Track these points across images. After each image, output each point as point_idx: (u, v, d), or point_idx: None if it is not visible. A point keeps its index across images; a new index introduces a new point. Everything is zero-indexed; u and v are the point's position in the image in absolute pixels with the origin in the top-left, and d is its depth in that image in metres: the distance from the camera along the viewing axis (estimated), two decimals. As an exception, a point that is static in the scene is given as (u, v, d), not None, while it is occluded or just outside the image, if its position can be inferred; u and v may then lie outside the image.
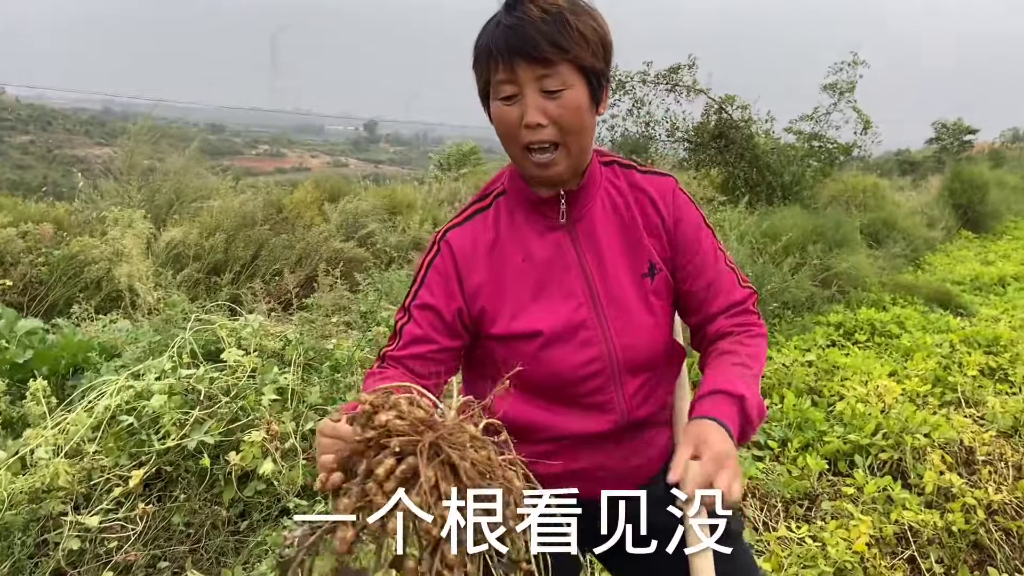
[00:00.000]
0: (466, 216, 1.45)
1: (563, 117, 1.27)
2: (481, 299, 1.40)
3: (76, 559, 2.71)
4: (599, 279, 1.40)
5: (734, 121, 8.57)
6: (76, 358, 3.70)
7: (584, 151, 1.35)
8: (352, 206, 10.43)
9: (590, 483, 1.35)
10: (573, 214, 1.40)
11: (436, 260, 1.42)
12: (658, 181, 1.48)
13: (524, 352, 1.38)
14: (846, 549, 2.90)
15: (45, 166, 44.87)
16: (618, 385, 1.40)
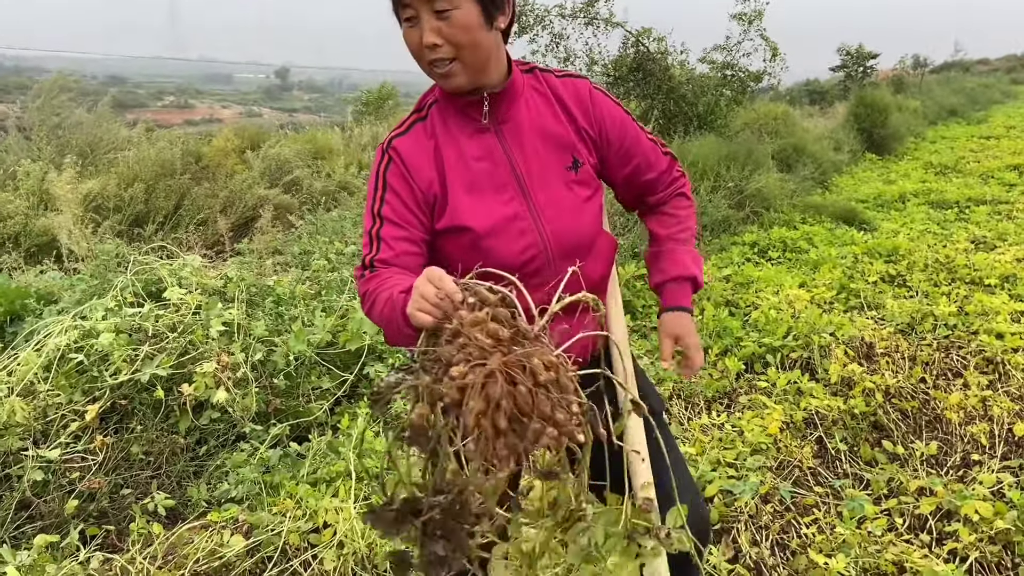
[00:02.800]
0: (407, 126, 1.60)
1: (454, 35, 1.41)
2: (432, 194, 1.55)
3: (40, 490, 2.81)
4: (527, 173, 1.55)
5: (651, 54, 8.76)
6: (14, 305, 3.71)
7: (483, 63, 1.48)
8: (274, 152, 10.29)
9: None
10: (498, 116, 1.56)
11: (391, 166, 1.56)
12: (572, 84, 1.64)
13: (464, 244, 1.54)
14: (761, 432, 3.22)
15: (-67, 126, 42.06)
16: (552, 269, 1.55)
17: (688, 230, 1.74)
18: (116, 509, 2.87)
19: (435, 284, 1.18)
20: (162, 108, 57.77)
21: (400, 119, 1.65)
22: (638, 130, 1.68)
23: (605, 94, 1.65)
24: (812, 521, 2.74)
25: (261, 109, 61.76)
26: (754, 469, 2.98)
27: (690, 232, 1.74)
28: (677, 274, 1.69)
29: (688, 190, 1.77)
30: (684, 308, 1.69)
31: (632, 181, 1.70)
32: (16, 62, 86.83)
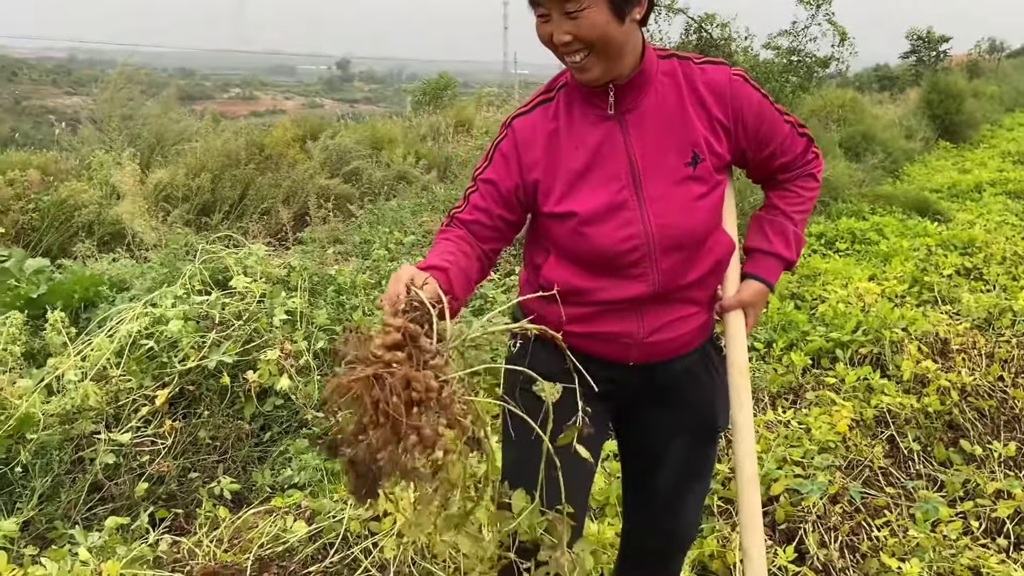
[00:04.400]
0: (532, 105, 1.65)
1: (585, 35, 1.45)
2: (535, 178, 1.60)
3: (112, 472, 2.88)
4: (643, 165, 1.55)
5: (714, 40, 8.55)
6: (88, 292, 3.82)
7: (618, 56, 1.50)
8: (334, 142, 10.42)
9: (618, 347, 1.64)
10: (625, 105, 1.56)
11: (503, 143, 1.64)
12: (711, 71, 1.60)
13: (568, 228, 1.58)
14: (829, 430, 3.12)
15: (14, 118, 43.83)
16: (653, 260, 1.56)
17: (805, 212, 1.74)
18: (184, 492, 2.94)
19: (391, 284, 1.33)
20: (228, 100, 59.14)
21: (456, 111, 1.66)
22: (775, 114, 1.65)
23: (745, 79, 1.61)
24: (884, 524, 2.65)
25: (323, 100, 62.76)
26: (822, 468, 2.89)
27: (806, 213, 1.74)
28: (777, 251, 1.71)
29: (819, 171, 1.75)
30: (768, 283, 1.71)
31: (767, 165, 1.69)
32: (91, 55, 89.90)
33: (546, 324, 1.63)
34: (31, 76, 59.01)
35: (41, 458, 2.73)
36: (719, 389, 1.73)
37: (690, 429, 1.74)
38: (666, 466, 1.76)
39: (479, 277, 1.66)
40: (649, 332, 1.61)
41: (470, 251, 1.62)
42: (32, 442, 2.71)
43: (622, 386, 1.68)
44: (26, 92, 54.15)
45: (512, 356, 1.76)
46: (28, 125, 34.59)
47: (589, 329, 1.62)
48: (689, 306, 1.64)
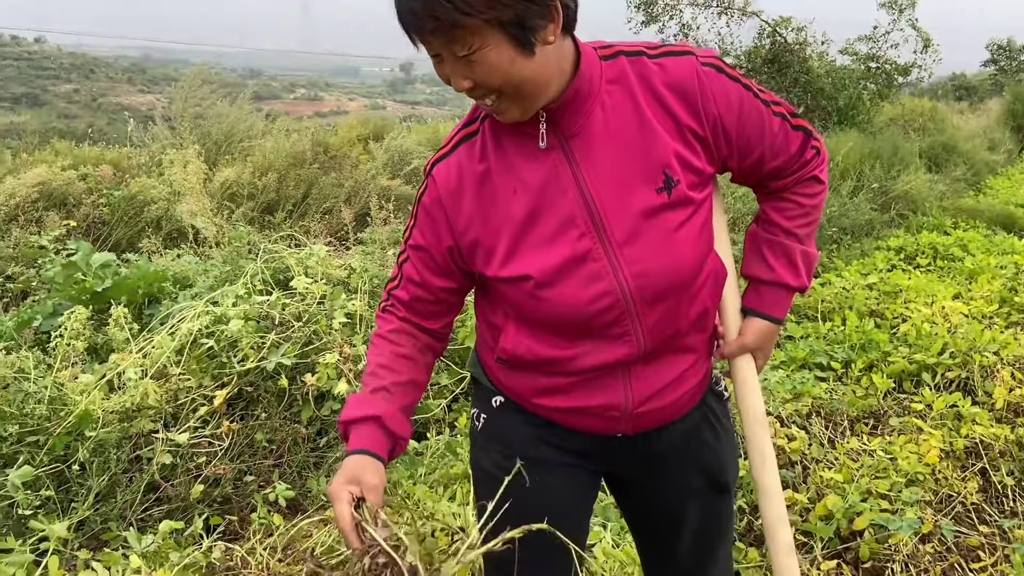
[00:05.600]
0: (452, 146, 1.33)
1: (484, 79, 1.15)
2: (471, 236, 1.30)
3: (168, 473, 2.84)
4: (602, 202, 1.24)
5: (788, 44, 8.30)
6: (152, 288, 3.82)
7: (536, 92, 1.18)
8: (397, 143, 10.44)
9: (603, 420, 1.37)
10: (563, 129, 1.24)
11: (424, 197, 1.34)
12: (675, 67, 1.26)
13: (523, 293, 1.28)
14: (917, 461, 2.91)
15: (90, 114, 45.44)
16: (633, 316, 1.27)
17: (812, 224, 1.42)
18: (239, 496, 2.88)
19: (336, 510, 1.19)
20: (294, 100, 60.43)
21: None
22: (761, 109, 1.30)
23: (719, 70, 1.27)
24: (981, 568, 2.43)
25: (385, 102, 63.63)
26: (911, 503, 2.69)
27: (812, 225, 1.42)
28: (782, 279, 1.41)
29: (822, 171, 1.41)
30: (775, 319, 1.43)
31: (755, 171, 1.36)
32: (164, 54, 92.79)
33: (513, 395, 1.43)
34: (108, 74, 61.23)
35: (99, 456, 2.70)
36: (725, 442, 1.49)
37: (699, 491, 1.48)
38: (684, 537, 1.51)
39: (427, 373, 1.43)
40: (640, 401, 1.34)
41: (412, 349, 1.39)
42: (90, 439, 2.68)
43: (607, 456, 1.44)
44: (102, 89, 56.19)
45: (477, 432, 1.50)
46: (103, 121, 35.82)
47: (567, 403, 1.36)
48: (683, 357, 1.37)
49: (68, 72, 57.96)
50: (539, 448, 1.41)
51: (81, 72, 58.84)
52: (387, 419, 1.30)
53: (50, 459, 2.63)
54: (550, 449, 1.41)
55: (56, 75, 56.89)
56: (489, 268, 1.30)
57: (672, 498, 1.48)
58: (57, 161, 8.34)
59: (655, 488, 1.48)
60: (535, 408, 1.40)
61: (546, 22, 1.14)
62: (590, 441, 1.41)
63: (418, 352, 1.40)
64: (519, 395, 1.41)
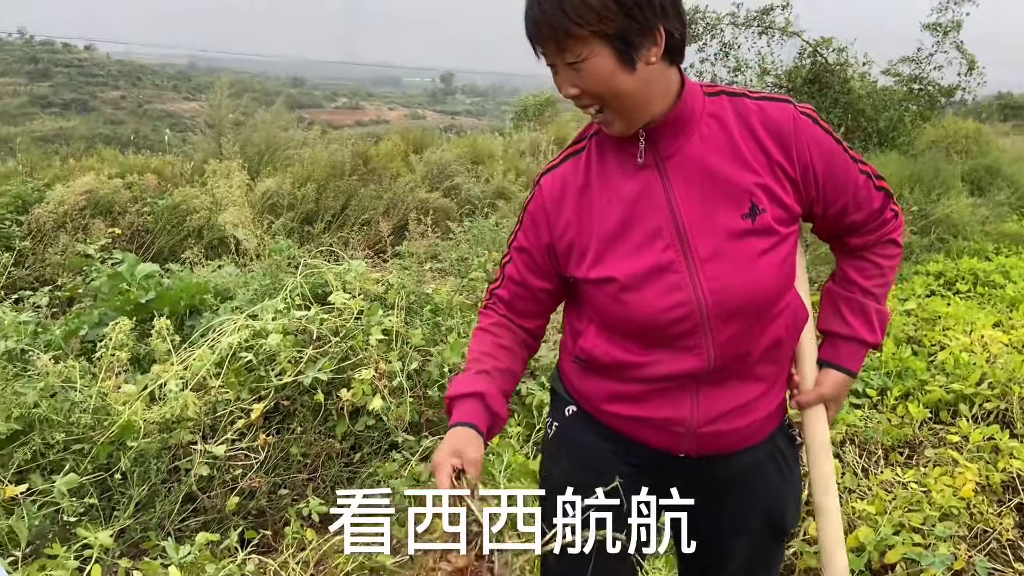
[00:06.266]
0: (559, 160, 1.48)
1: (589, 87, 1.29)
2: (567, 239, 1.43)
3: (205, 484, 2.91)
4: (688, 219, 1.34)
5: (829, 65, 8.24)
6: (193, 299, 3.91)
7: (634, 108, 1.31)
8: (436, 156, 10.54)
9: (667, 435, 1.43)
10: (661, 150, 1.36)
11: (531, 204, 1.49)
12: (774, 110, 1.38)
13: (607, 295, 1.39)
14: (952, 495, 2.87)
15: (136, 120, 46.44)
16: (707, 330, 1.35)
17: (886, 285, 1.51)
18: (273, 509, 2.94)
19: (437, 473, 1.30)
20: (335, 109, 61.16)
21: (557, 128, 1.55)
22: (849, 163, 1.41)
23: (814, 120, 1.38)
24: (1015, 608, 2.40)
25: (425, 112, 64.15)
26: (944, 538, 2.65)
27: (887, 287, 1.52)
28: (859, 335, 1.49)
29: (899, 235, 1.51)
30: (851, 372, 1.51)
31: (836, 222, 1.45)
32: (209, 62, 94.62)
33: (584, 401, 1.51)
34: (154, 81, 62.54)
35: (139, 466, 2.77)
36: (790, 487, 1.53)
37: (753, 531, 1.53)
38: (727, 568, 1.55)
39: (523, 367, 1.55)
40: (705, 421, 1.41)
41: (511, 342, 1.52)
42: (132, 449, 2.76)
43: (671, 477, 1.47)
44: (148, 96, 57.40)
45: (549, 440, 1.59)
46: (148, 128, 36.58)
47: (634, 412, 1.44)
48: (754, 385, 1.43)
49: (116, 79, 59.35)
50: (606, 459, 1.47)
51: (128, 79, 60.20)
52: (488, 397, 1.41)
53: (94, 467, 2.72)
54: (617, 461, 1.46)
55: (104, 82, 58.28)
56: (580, 270, 1.42)
57: (726, 530, 1.52)
58: (103, 168, 8.56)
59: (710, 516, 1.50)
60: (605, 417, 1.48)
61: (648, 43, 1.27)
62: (654, 457, 1.46)
63: (516, 345, 1.52)
64: (591, 403, 1.49)
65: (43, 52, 61.77)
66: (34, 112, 48.53)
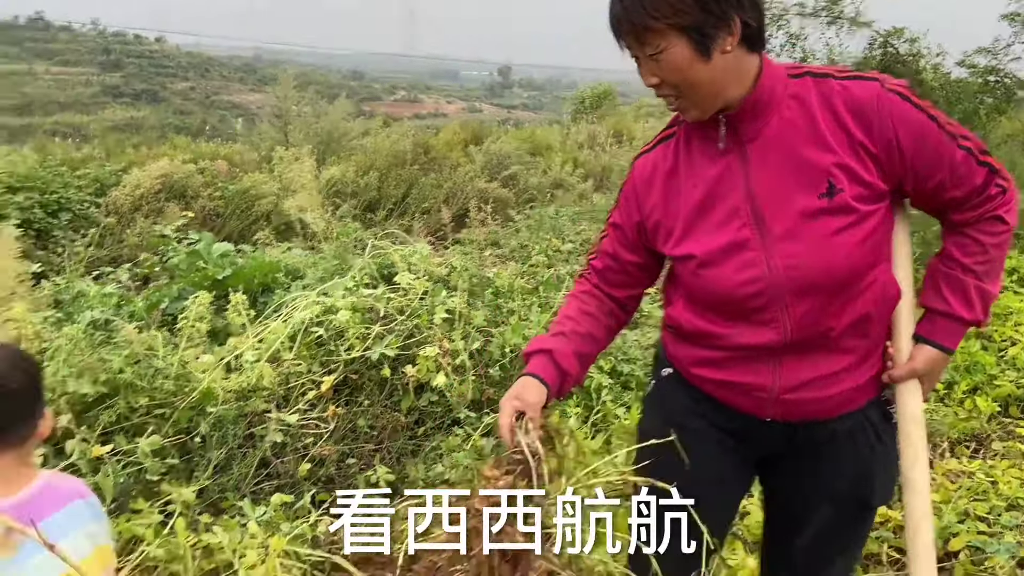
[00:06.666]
0: (653, 145, 1.58)
1: (667, 76, 1.36)
2: (655, 218, 1.54)
3: (278, 451, 3.03)
4: (765, 198, 1.40)
5: (900, 56, 8.03)
6: (266, 277, 4.06)
7: (710, 96, 1.37)
8: (496, 147, 10.64)
9: (751, 400, 1.50)
10: (742, 134, 1.41)
11: (625, 185, 1.62)
12: (858, 89, 1.38)
13: (688, 271, 1.49)
14: (1019, 486, 2.83)
15: (204, 111, 47.74)
16: (783, 305, 1.40)
17: (991, 262, 1.46)
18: (341, 477, 3.05)
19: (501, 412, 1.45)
20: (394, 102, 61.81)
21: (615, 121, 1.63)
22: (944, 139, 1.38)
23: (903, 97, 1.37)
24: (1083, 599, 2.36)
25: (482, 105, 64.36)
26: (1010, 527, 2.62)
27: (993, 265, 1.47)
28: (956, 312, 1.47)
29: (1007, 211, 1.44)
30: (946, 349, 1.49)
31: (934, 197, 1.44)
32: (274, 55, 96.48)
33: (677, 363, 1.61)
34: (221, 73, 64.14)
35: (218, 431, 2.91)
36: (880, 462, 1.53)
37: (839, 500, 1.56)
38: (805, 533, 1.59)
39: (607, 334, 1.65)
40: (787, 388, 1.45)
41: (597, 309, 1.63)
42: (211, 415, 2.89)
43: (759, 441, 1.55)
44: (215, 88, 58.91)
45: (647, 397, 1.73)
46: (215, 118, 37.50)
47: (719, 376, 1.52)
48: (841, 357, 1.45)
49: (185, 71, 61.05)
50: (695, 420, 1.57)
51: (197, 71, 61.85)
52: (557, 354, 1.53)
53: (175, 431, 2.85)
54: (706, 423, 1.56)
55: (174, 73, 59.99)
56: (666, 246, 1.53)
57: (808, 494, 1.58)
58: (176, 155, 8.87)
59: (795, 479, 1.58)
60: (694, 380, 1.56)
61: (724, 33, 1.33)
62: (742, 420, 1.53)
63: (601, 313, 1.63)
64: (682, 366, 1.58)
65: (115, 43, 63.82)
66: (106, 101, 50.26)
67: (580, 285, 1.69)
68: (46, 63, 57.99)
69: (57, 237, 6.33)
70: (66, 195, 6.76)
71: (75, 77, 55.23)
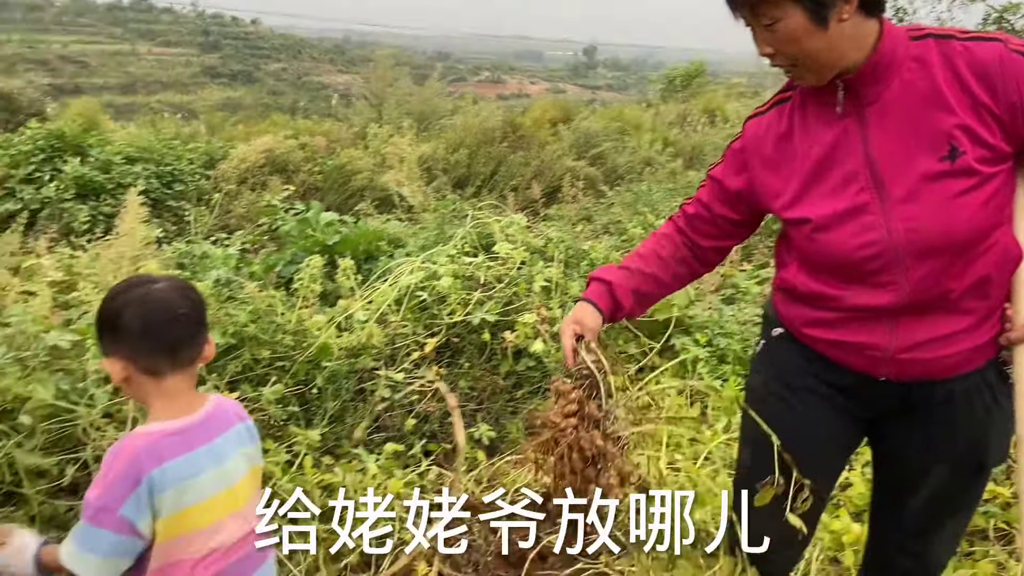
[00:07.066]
0: (769, 106, 1.59)
1: (781, 47, 1.38)
2: (763, 182, 1.56)
3: (386, 406, 3.21)
4: (884, 163, 1.40)
5: (1017, 32, 7.69)
6: (370, 245, 4.25)
7: (826, 64, 1.38)
8: (584, 125, 10.67)
9: (865, 359, 1.51)
10: (861, 98, 1.41)
11: (735, 143, 1.64)
12: (981, 50, 1.37)
13: (803, 234, 1.50)
14: None
15: (295, 91, 49.04)
16: (902, 268, 1.40)
17: None
18: (444, 433, 3.20)
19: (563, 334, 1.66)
20: (478, 82, 62.09)
21: (706, 99, 1.67)
22: None
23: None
24: None
25: (565, 86, 63.96)
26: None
27: None
28: None
29: None
30: None
31: None
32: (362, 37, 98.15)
33: (789, 324, 1.64)
34: (312, 54, 65.69)
35: (332, 384, 3.10)
36: (996, 423, 1.53)
37: (952, 460, 1.57)
38: (920, 494, 1.60)
39: (674, 280, 1.74)
40: (903, 348, 1.46)
41: (670, 254, 1.71)
42: (326, 369, 3.08)
43: (871, 400, 1.57)
44: (306, 68, 60.39)
45: (756, 356, 1.76)
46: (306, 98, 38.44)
47: (833, 336, 1.53)
48: (960, 318, 1.45)
49: (278, 52, 62.79)
50: (806, 378, 1.60)
51: (289, 52, 63.54)
52: (616, 287, 1.69)
53: (294, 382, 3.06)
54: (816, 381, 1.59)
55: (268, 55, 61.80)
56: (775, 204, 1.56)
57: (923, 455, 1.58)
58: (278, 132, 9.23)
59: (909, 439, 1.58)
60: (806, 339, 1.59)
61: (840, 2, 1.34)
62: (854, 378, 1.54)
63: (673, 259, 1.71)
64: (794, 326, 1.61)
65: (214, 25, 66.06)
66: (204, 81, 52.17)
67: (665, 227, 1.77)
68: (149, 44, 60.56)
69: (171, 207, 6.73)
70: (179, 167, 7.16)
71: (176, 57, 57.50)
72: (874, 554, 1.80)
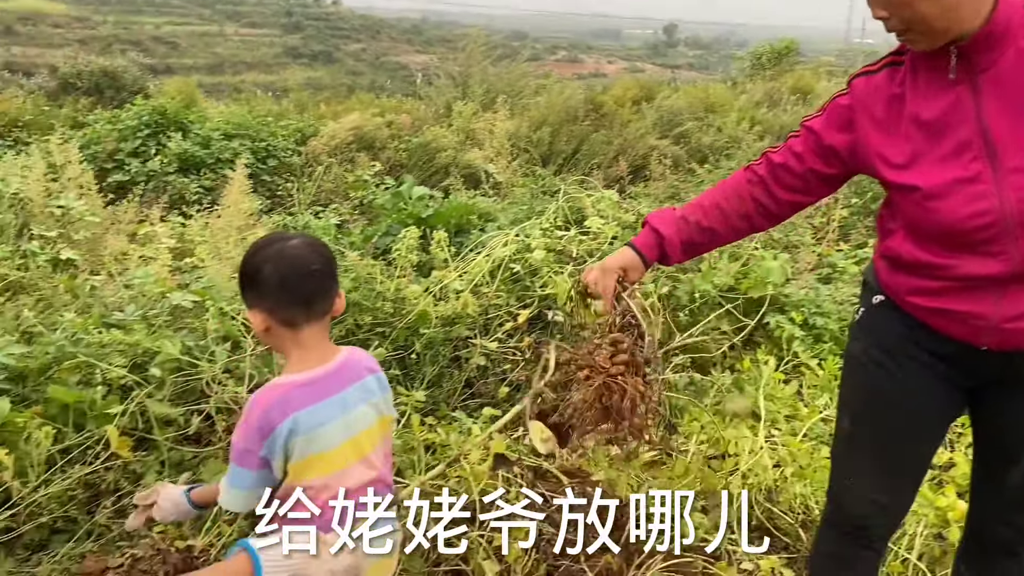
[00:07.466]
0: (879, 67, 1.55)
1: (896, 10, 1.37)
2: (869, 143, 1.53)
3: (480, 374, 3.29)
4: (998, 131, 1.38)
5: None
6: (461, 219, 4.33)
7: (939, 30, 1.36)
8: (668, 103, 10.54)
9: (967, 328, 1.49)
10: (974, 65, 1.39)
11: (840, 98, 1.59)
12: None
13: (911, 202, 1.48)
14: None
15: (373, 72, 49.72)
16: (1013, 239, 1.39)
17: None
18: (536, 402, 3.27)
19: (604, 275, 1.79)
20: (555, 61, 61.70)
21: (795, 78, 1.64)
22: None
23: None
24: None
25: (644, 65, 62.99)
26: None
27: None
28: None
29: None
30: None
31: None
32: (439, 17, 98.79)
33: (891, 292, 1.61)
34: (390, 35, 66.40)
35: (429, 350, 3.19)
36: None
37: None
38: (1020, 465, 1.58)
39: (732, 234, 1.75)
40: (1008, 317, 1.44)
41: (735, 207, 1.70)
42: (424, 336, 3.18)
43: (972, 369, 1.55)
44: (384, 49, 61.10)
45: (856, 324, 1.72)
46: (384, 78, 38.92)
47: (936, 304, 1.51)
48: None
49: (358, 33, 63.68)
50: (907, 346, 1.58)
51: (368, 33, 64.38)
52: (668, 242, 1.76)
53: (394, 347, 3.16)
54: (917, 349, 1.57)
55: (347, 35, 62.73)
56: (883, 168, 1.52)
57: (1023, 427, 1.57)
58: (364, 110, 9.42)
59: (1010, 409, 1.57)
60: (908, 307, 1.57)
61: None
62: (955, 347, 1.53)
63: (736, 215, 1.72)
64: (896, 294, 1.59)
65: (296, 6, 67.37)
66: (287, 62, 53.36)
67: (736, 177, 1.74)
68: (235, 25, 62.22)
69: (265, 181, 6.97)
70: (273, 143, 7.40)
71: (260, 38, 58.96)
72: (974, 525, 1.78)
